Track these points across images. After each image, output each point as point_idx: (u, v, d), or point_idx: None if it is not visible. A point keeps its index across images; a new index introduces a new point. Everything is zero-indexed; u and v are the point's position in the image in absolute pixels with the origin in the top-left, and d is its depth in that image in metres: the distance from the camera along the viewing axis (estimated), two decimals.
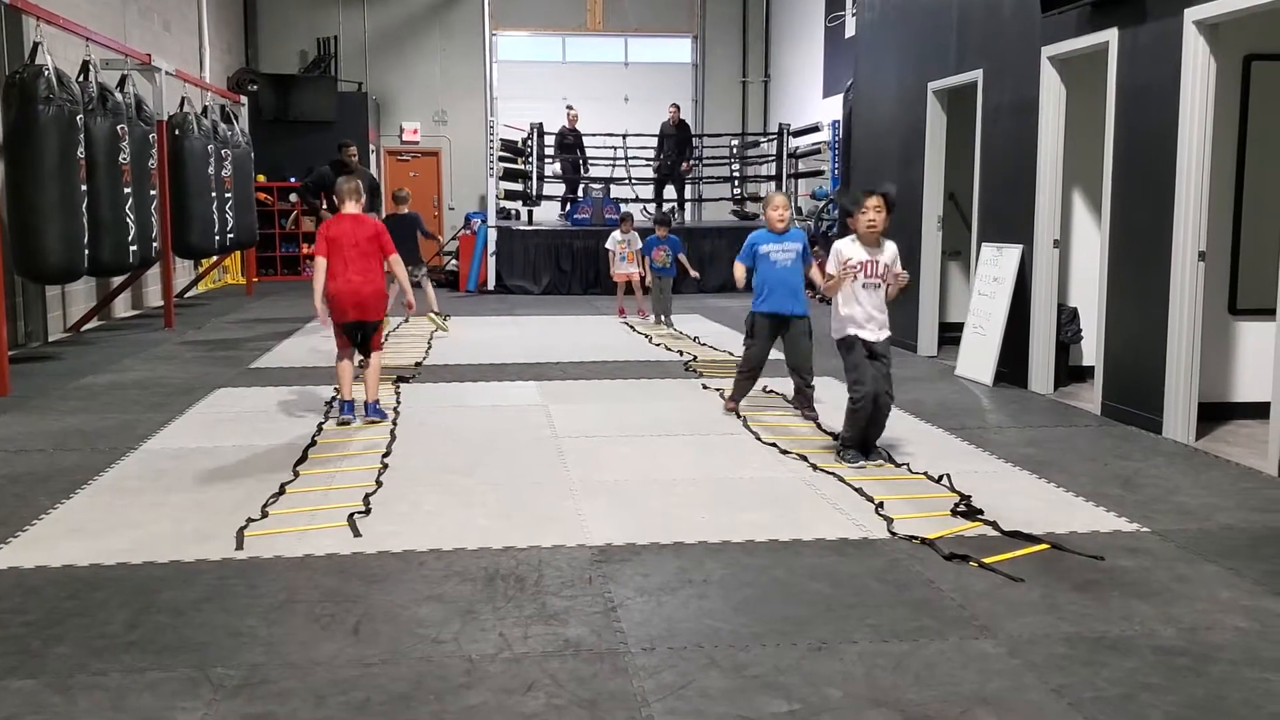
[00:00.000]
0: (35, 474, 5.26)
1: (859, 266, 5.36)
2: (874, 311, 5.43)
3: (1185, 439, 6.01)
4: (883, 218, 5.34)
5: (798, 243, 6.50)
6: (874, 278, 5.39)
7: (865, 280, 5.37)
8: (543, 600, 3.65)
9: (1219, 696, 2.98)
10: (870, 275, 5.37)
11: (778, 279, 6.41)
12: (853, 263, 5.45)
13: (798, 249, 6.48)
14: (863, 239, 5.41)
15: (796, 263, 6.45)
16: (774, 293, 6.43)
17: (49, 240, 8.19)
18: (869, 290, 5.40)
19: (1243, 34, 6.19)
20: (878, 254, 5.40)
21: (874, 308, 5.42)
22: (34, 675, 3.08)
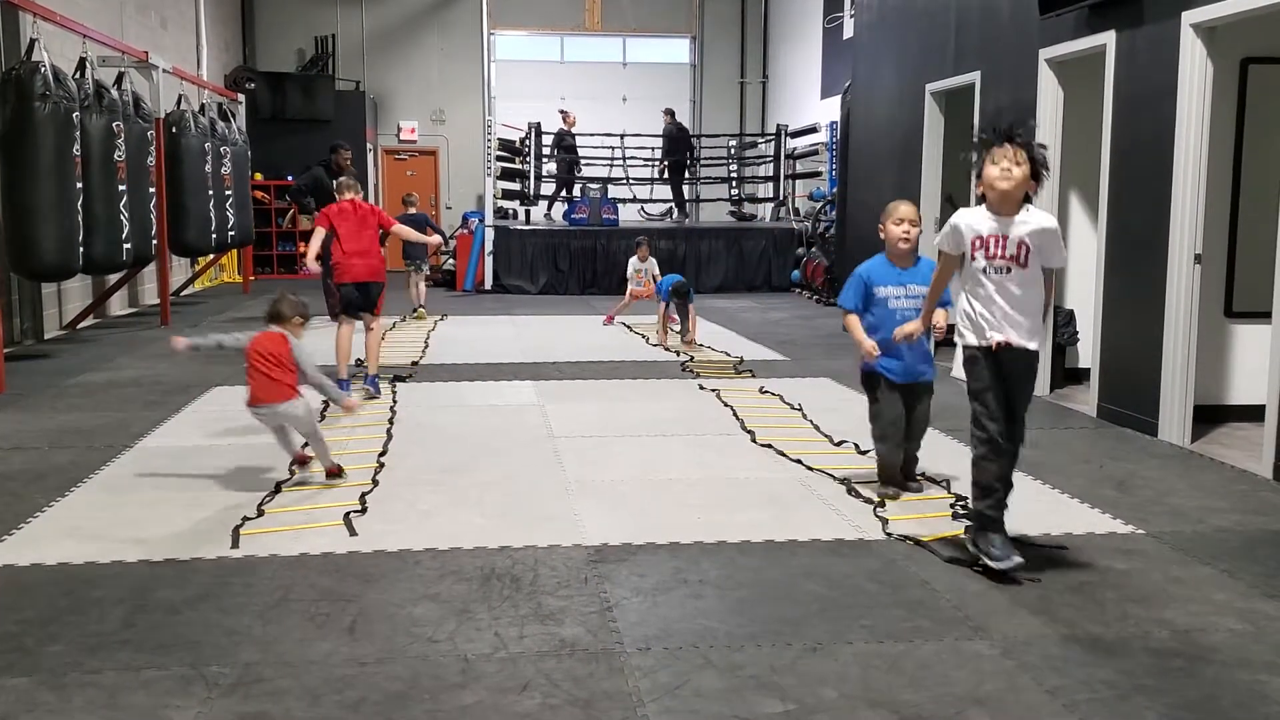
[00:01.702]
0: (30, 472, 5.26)
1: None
2: (1012, 308, 3.83)
3: (1181, 441, 6.02)
4: (1022, 175, 3.76)
5: (926, 283, 4.52)
6: (1003, 258, 3.81)
7: (988, 262, 3.82)
8: (538, 600, 3.65)
9: (1213, 698, 2.98)
10: (999, 254, 3.81)
11: (894, 324, 4.64)
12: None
13: (924, 291, 4.54)
14: (992, 204, 3.85)
15: (917, 309, 4.60)
16: (899, 351, 4.69)
17: (44, 237, 8.18)
18: (999, 276, 3.82)
19: (1240, 37, 6.20)
20: (1015, 227, 3.80)
21: (1010, 303, 3.82)
22: (28, 673, 3.08)
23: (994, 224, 3.83)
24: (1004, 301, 3.83)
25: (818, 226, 14.62)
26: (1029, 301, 3.84)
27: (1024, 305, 3.83)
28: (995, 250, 3.81)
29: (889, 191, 9.94)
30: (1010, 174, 3.75)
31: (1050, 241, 3.84)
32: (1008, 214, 3.81)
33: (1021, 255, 3.79)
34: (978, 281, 3.87)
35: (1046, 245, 3.83)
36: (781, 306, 13.53)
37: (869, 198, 10.56)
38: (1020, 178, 3.76)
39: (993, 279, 3.83)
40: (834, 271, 13.30)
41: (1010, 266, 3.80)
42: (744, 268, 15.44)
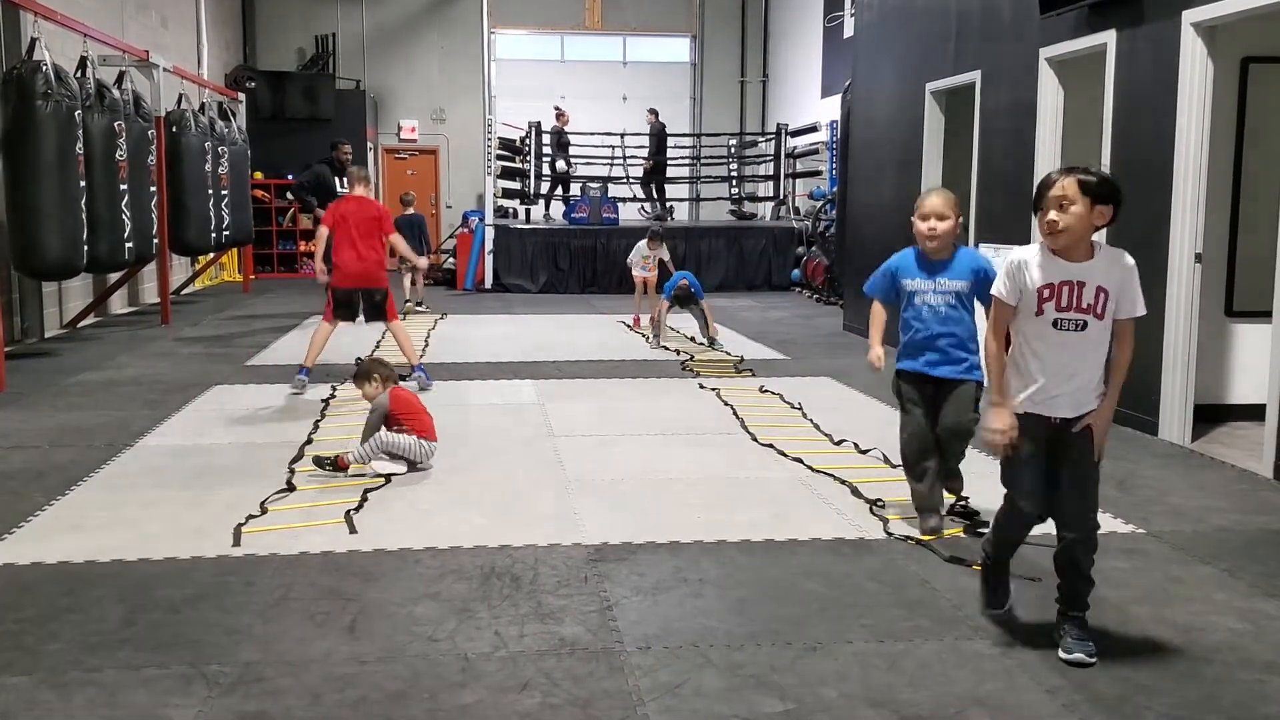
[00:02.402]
0: (31, 470, 5.26)
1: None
2: (1070, 374, 3.19)
3: (1181, 441, 6.02)
4: (1078, 216, 3.12)
5: (961, 279, 4.23)
6: (1075, 310, 3.16)
7: (1058, 314, 3.16)
8: (538, 599, 3.65)
9: (1213, 698, 2.98)
10: (1068, 307, 3.16)
11: (924, 325, 4.29)
12: None
13: (959, 287, 4.24)
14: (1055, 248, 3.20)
15: (961, 306, 4.26)
16: (916, 344, 4.31)
17: (48, 236, 8.18)
18: (1061, 334, 3.17)
19: (1240, 36, 6.20)
20: (1082, 273, 3.16)
21: (1069, 368, 3.19)
22: (28, 672, 3.08)
23: (1058, 272, 3.19)
24: (1063, 364, 3.21)
25: (818, 225, 14.62)
26: (1090, 362, 3.23)
27: (1088, 367, 3.23)
28: (1072, 302, 3.17)
29: (889, 191, 9.95)
30: (1056, 224, 3.15)
31: (1129, 291, 3.21)
32: (1077, 256, 3.19)
33: (1098, 308, 3.17)
34: (1030, 334, 3.25)
35: (1123, 293, 3.20)
36: (781, 305, 13.53)
37: (869, 197, 10.56)
38: (1078, 224, 3.13)
39: (1049, 336, 3.21)
40: (834, 271, 13.30)
41: (1082, 321, 3.17)
42: (744, 267, 15.44)
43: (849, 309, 11.14)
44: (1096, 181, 3.15)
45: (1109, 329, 3.21)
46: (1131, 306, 3.21)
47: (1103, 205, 3.15)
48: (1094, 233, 3.19)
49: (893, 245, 5.39)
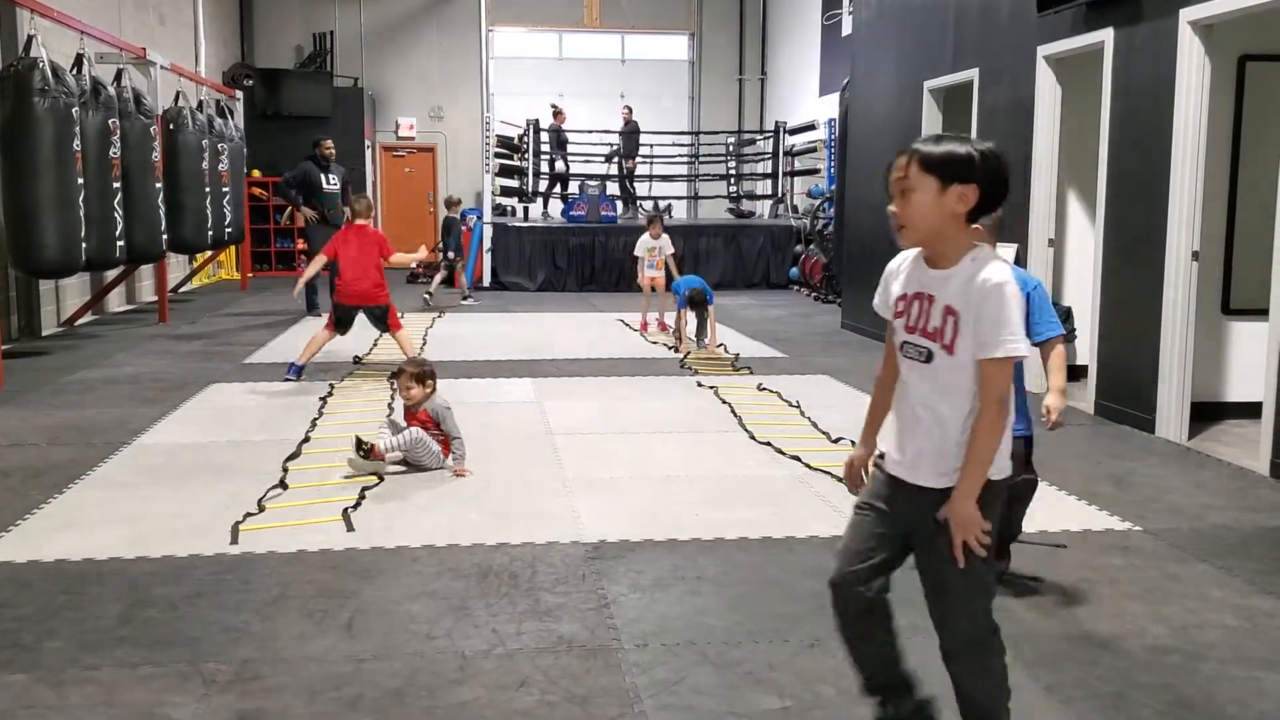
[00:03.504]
0: (28, 468, 5.25)
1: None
2: (908, 421, 2.42)
3: (1178, 438, 6.02)
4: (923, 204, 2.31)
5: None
6: (920, 334, 2.36)
7: (905, 335, 2.40)
8: (536, 596, 3.65)
9: (1209, 695, 2.99)
10: (916, 328, 2.38)
11: None
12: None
13: None
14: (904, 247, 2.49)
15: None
16: None
17: (46, 234, 8.16)
18: (908, 364, 2.41)
19: (1238, 34, 6.21)
20: (935, 284, 2.36)
21: (906, 413, 2.42)
22: (26, 670, 3.08)
23: (912, 280, 2.42)
24: (913, 402, 2.40)
25: (816, 224, 14.62)
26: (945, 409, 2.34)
27: (935, 409, 2.35)
28: (919, 321, 2.37)
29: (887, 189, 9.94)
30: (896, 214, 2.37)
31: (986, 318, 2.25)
32: (934, 261, 2.37)
33: (940, 332, 2.32)
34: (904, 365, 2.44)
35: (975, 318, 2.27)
36: (780, 304, 13.54)
37: (867, 195, 10.56)
38: (921, 215, 2.31)
39: (904, 367, 2.43)
40: (832, 269, 13.30)
41: (927, 349, 2.34)
42: (742, 265, 15.44)
43: (847, 307, 11.14)
44: (942, 154, 2.29)
45: (968, 370, 2.28)
46: (988, 343, 2.23)
47: (961, 185, 2.28)
48: (960, 224, 2.32)
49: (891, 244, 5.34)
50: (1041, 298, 3.52)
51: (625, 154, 17.02)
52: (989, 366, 2.25)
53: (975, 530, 2.28)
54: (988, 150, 2.33)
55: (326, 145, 11.58)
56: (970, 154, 2.31)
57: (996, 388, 2.26)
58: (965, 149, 2.31)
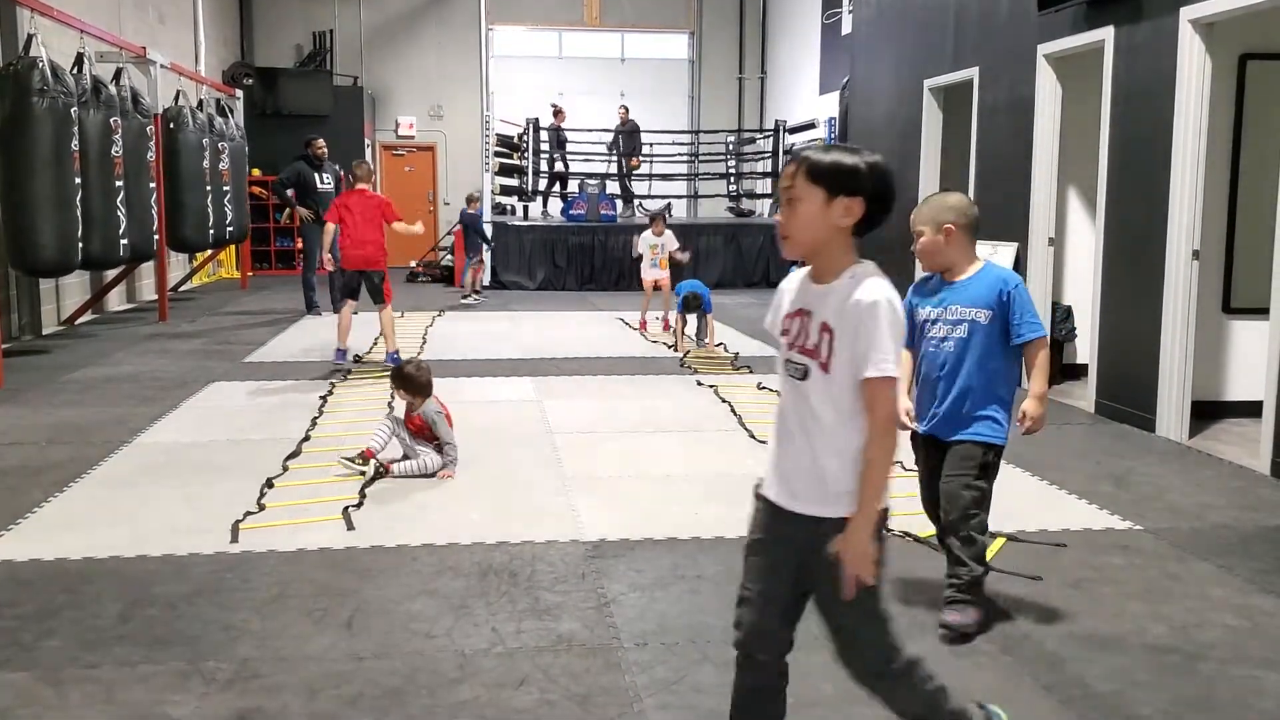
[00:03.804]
0: (28, 467, 5.25)
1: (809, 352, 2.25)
2: (782, 438, 2.31)
3: (1178, 437, 6.02)
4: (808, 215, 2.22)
5: (977, 306, 3.34)
6: (799, 350, 2.27)
7: (787, 352, 2.30)
8: (536, 595, 3.65)
9: (1209, 694, 2.99)
10: (795, 345, 2.28)
11: (934, 369, 3.43)
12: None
13: (971, 317, 3.35)
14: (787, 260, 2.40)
15: (971, 342, 3.35)
16: (921, 391, 3.49)
17: (43, 233, 8.16)
18: (787, 381, 2.30)
19: (1238, 33, 6.20)
20: (815, 300, 2.26)
21: (782, 430, 2.32)
22: (26, 668, 3.08)
23: (797, 297, 2.32)
24: (789, 423, 2.29)
25: None
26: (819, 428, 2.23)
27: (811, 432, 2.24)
28: (798, 339, 2.27)
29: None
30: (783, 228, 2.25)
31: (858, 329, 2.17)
32: (819, 277, 2.27)
33: (817, 349, 2.23)
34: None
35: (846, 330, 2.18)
36: None
37: None
38: (804, 225, 2.22)
39: (784, 385, 2.32)
40: None
41: (804, 367, 2.24)
42: (742, 264, 15.44)
43: None
44: (829, 164, 2.21)
45: (844, 390, 2.19)
46: (863, 361, 2.15)
47: (847, 198, 2.20)
48: (845, 238, 2.22)
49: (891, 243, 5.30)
50: (1022, 298, 3.32)
51: (624, 153, 17.01)
52: (870, 387, 2.16)
53: (869, 564, 2.19)
54: (876, 163, 2.25)
55: (318, 145, 11.61)
56: (858, 165, 2.22)
57: (882, 408, 2.17)
58: (853, 160, 2.23)
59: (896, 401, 2.20)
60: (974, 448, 3.34)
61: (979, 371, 3.33)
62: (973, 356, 3.32)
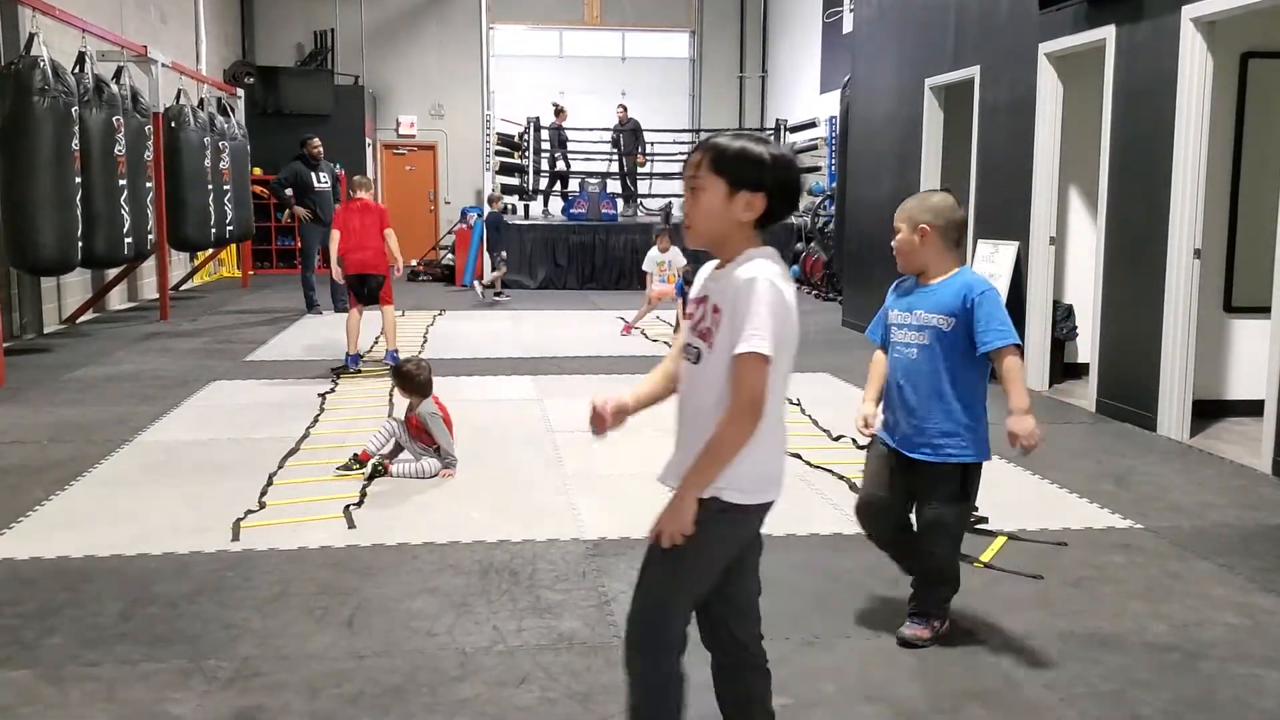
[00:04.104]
0: (29, 466, 5.25)
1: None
2: (679, 422, 2.37)
3: (1179, 436, 6.02)
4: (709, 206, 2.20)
5: (940, 312, 3.17)
6: (696, 334, 2.26)
7: (688, 337, 2.29)
8: (537, 594, 3.65)
9: (1210, 692, 2.99)
10: (695, 329, 2.27)
11: (896, 375, 3.28)
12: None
13: (934, 324, 3.17)
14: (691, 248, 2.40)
15: (933, 350, 3.17)
16: (888, 400, 3.32)
17: (44, 232, 8.17)
18: (685, 365, 2.31)
19: (1240, 31, 6.20)
20: (712, 285, 2.26)
21: (679, 414, 2.36)
22: (27, 666, 3.08)
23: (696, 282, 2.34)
24: (683, 405, 2.33)
25: (817, 222, 14.61)
26: (702, 402, 2.22)
27: (699, 410, 2.24)
28: (696, 319, 2.27)
29: (888, 187, 9.94)
30: (688, 217, 2.26)
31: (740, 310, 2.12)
32: (720, 263, 2.27)
33: (708, 328, 2.21)
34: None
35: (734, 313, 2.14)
36: None
37: (868, 193, 10.56)
38: (705, 215, 2.20)
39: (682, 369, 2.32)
40: (833, 267, 13.30)
41: (699, 349, 2.24)
42: None
43: (848, 305, 11.14)
44: (734, 155, 2.16)
45: (724, 371, 2.14)
46: (736, 339, 2.11)
47: (749, 192, 2.16)
48: (747, 231, 2.20)
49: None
50: (988, 304, 3.11)
51: (625, 152, 17.01)
52: (738, 364, 2.09)
53: (676, 527, 2.17)
54: (782, 157, 2.19)
55: (314, 144, 11.63)
56: (763, 158, 2.16)
57: (747, 387, 2.09)
58: (759, 152, 2.17)
59: (765, 384, 2.10)
60: (952, 470, 3.17)
61: (942, 381, 3.14)
62: (936, 365, 3.14)
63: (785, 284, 2.15)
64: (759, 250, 2.20)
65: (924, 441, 3.16)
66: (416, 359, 5.58)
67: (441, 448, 5.16)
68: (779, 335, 2.11)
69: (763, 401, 2.11)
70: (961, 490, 3.19)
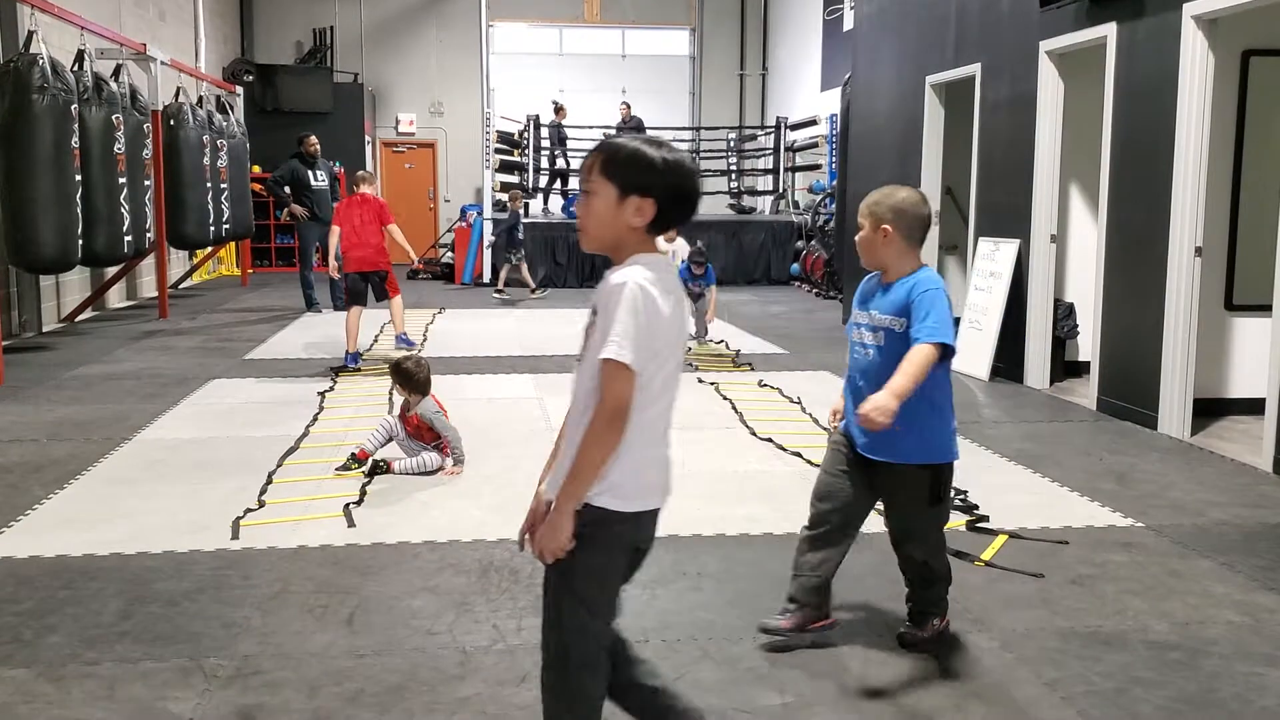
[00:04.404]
0: (29, 464, 5.25)
1: None
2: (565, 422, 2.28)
3: (1180, 434, 6.01)
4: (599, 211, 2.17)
5: (892, 314, 3.08)
6: (583, 343, 2.26)
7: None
8: (537, 592, 3.62)
9: (1211, 690, 2.99)
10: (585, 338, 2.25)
11: (855, 375, 3.22)
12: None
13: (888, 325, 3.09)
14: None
15: (888, 351, 3.06)
16: (846, 396, 3.32)
17: (43, 230, 8.16)
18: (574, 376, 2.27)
19: (1241, 29, 6.19)
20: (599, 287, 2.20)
21: (570, 421, 2.25)
22: (27, 664, 3.07)
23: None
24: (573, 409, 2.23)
25: (817, 219, 14.60)
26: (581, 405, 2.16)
27: (578, 415, 2.18)
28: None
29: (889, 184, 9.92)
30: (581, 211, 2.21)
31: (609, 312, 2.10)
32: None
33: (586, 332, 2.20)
34: None
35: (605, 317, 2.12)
36: (780, 299, 13.52)
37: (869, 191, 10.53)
38: (599, 212, 2.16)
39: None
40: (833, 265, 13.29)
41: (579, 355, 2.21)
42: (743, 260, 15.43)
43: (848, 303, 11.13)
44: (625, 160, 2.11)
45: (592, 375, 2.12)
46: (601, 343, 2.07)
47: (639, 197, 2.11)
48: (640, 237, 2.15)
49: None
50: (926, 301, 2.98)
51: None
52: (601, 370, 2.05)
53: (553, 544, 2.11)
54: (675, 162, 2.12)
55: (311, 142, 11.63)
56: (654, 163, 2.10)
57: (611, 395, 2.04)
58: (650, 156, 2.10)
59: (627, 391, 2.04)
60: (918, 472, 3.06)
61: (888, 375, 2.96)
62: (893, 366, 2.97)
63: (659, 289, 2.08)
64: (644, 256, 2.14)
65: (885, 443, 3.04)
66: (415, 357, 5.57)
67: (449, 445, 5.16)
68: (642, 341, 2.04)
69: (625, 408, 2.05)
70: (931, 493, 3.09)
